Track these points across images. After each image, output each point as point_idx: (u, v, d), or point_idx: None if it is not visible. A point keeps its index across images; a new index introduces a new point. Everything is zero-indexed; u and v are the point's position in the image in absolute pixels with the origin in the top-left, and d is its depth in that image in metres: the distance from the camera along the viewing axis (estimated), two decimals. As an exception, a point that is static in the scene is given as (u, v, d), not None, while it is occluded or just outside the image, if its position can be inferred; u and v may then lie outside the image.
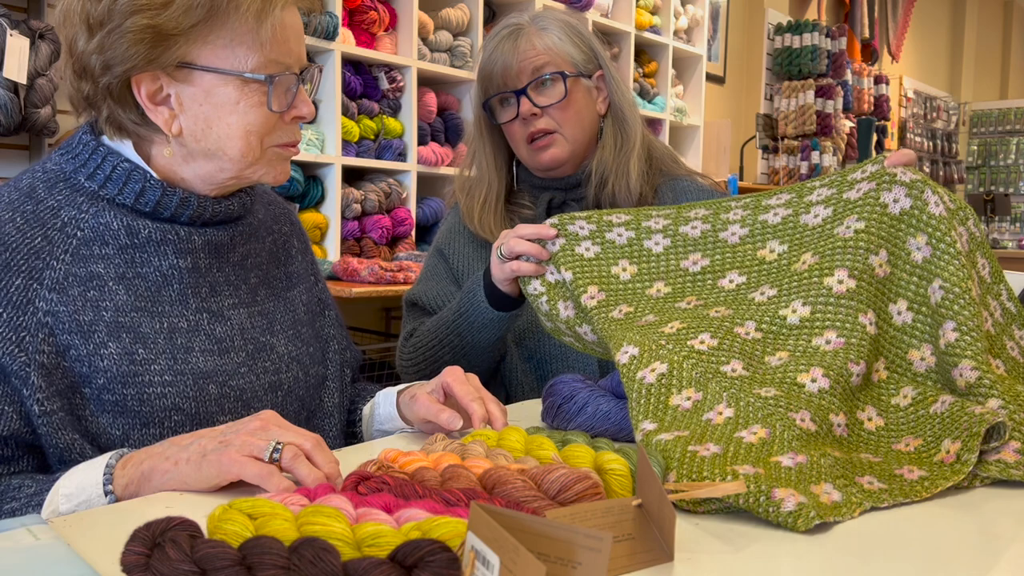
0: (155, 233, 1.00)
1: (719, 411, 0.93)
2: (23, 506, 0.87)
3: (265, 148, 1.02)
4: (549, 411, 1.11)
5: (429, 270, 1.57)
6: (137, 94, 0.97)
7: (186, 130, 0.99)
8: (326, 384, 1.18)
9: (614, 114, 1.53)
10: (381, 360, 3.21)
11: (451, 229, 1.59)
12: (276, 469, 0.83)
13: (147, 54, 0.94)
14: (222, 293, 1.06)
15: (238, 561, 0.58)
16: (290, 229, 1.22)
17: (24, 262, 0.94)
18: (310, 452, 0.85)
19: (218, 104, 0.98)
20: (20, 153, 2.55)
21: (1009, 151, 9.50)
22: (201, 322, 1.03)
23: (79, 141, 1.03)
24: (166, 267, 1.01)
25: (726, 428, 0.90)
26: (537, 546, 0.57)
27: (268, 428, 0.87)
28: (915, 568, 0.70)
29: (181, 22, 0.94)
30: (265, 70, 0.99)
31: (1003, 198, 8.35)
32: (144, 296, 0.99)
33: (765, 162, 6.10)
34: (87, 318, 0.95)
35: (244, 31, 0.97)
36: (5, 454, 0.92)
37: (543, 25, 1.48)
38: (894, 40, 7.88)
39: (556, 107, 1.46)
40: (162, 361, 0.98)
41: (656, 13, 4.74)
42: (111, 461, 0.87)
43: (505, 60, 1.45)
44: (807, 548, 0.74)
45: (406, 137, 3.40)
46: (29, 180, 1.01)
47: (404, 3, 3.38)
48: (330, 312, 1.24)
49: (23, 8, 2.52)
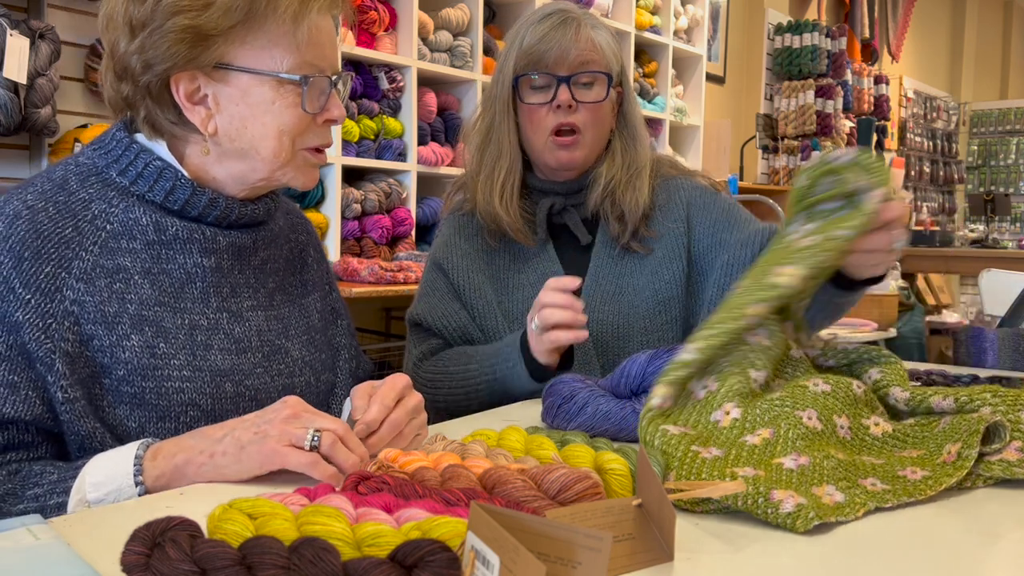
0: (182, 231, 1.02)
1: (727, 410, 0.93)
2: (46, 492, 0.88)
3: (296, 150, 1.04)
4: (549, 411, 1.11)
5: (428, 286, 1.54)
6: (176, 93, 0.99)
7: (221, 129, 1.01)
8: (335, 391, 1.19)
9: (627, 131, 1.52)
10: (381, 360, 3.22)
11: (447, 242, 1.55)
12: (319, 457, 0.85)
13: (187, 54, 0.97)
14: (242, 295, 1.08)
15: (238, 561, 0.58)
16: (307, 239, 1.24)
17: (54, 251, 0.95)
18: (343, 437, 0.87)
19: (253, 104, 1.01)
20: (20, 153, 2.55)
21: (1009, 151, 9.50)
22: (221, 321, 1.05)
23: (112, 137, 1.05)
24: (191, 265, 1.03)
25: (731, 432, 0.91)
26: (537, 546, 0.57)
27: (300, 415, 0.88)
28: (916, 568, 0.70)
29: (220, 23, 0.97)
30: (300, 71, 1.01)
31: (1003, 198, 8.35)
32: (168, 292, 1.01)
33: (765, 162, 6.10)
34: (112, 309, 0.97)
35: (281, 33, 0.99)
36: (26, 439, 0.93)
37: (595, 24, 1.47)
38: (894, 40, 7.88)
39: (592, 106, 1.44)
40: (182, 356, 1.00)
41: (656, 13, 4.74)
42: (139, 452, 0.88)
43: (563, 45, 1.41)
44: (807, 548, 0.74)
45: (406, 137, 3.40)
46: (62, 172, 1.03)
47: (404, 3, 3.38)
48: (343, 321, 1.25)
49: (23, 8, 2.52)
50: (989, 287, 2.65)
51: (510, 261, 1.51)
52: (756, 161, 6.05)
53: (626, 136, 1.52)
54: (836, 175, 1.02)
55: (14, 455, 0.93)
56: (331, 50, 1.05)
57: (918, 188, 8.59)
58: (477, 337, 1.48)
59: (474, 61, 3.62)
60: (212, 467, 0.86)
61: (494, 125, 1.49)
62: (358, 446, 0.88)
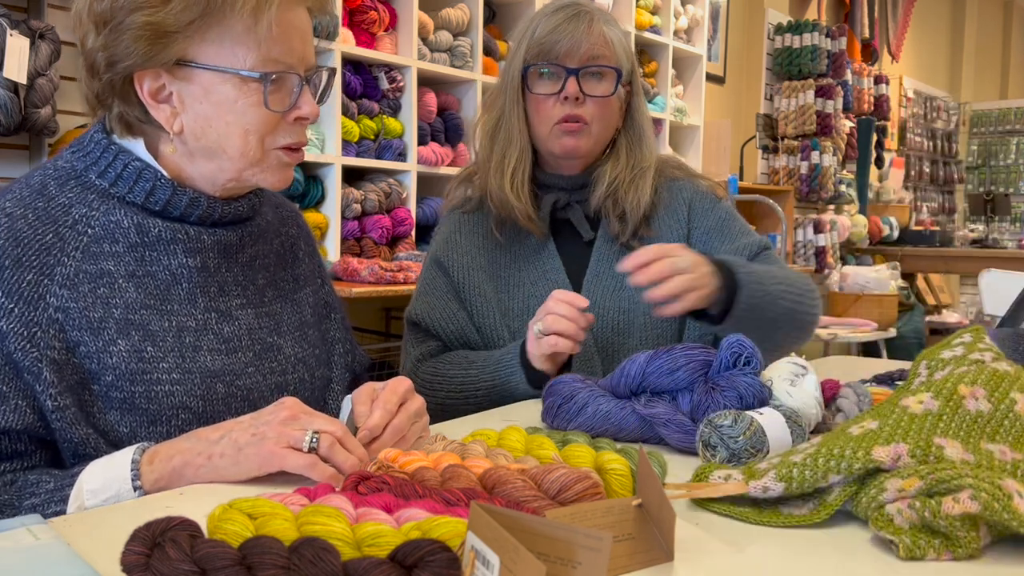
0: (165, 232, 1.01)
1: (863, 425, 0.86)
2: (44, 502, 0.88)
3: (267, 149, 1.02)
4: (549, 411, 1.11)
5: (427, 284, 1.54)
6: (140, 91, 0.98)
7: (187, 128, 1.00)
8: (331, 387, 1.18)
9: (634, 131, 1.53)
10: (381, 360, 3.21)
11: (447, 240, 1.55)
12: (318, 459, 0.85)
13: (147, 51, 0.95)
14: (230, 293, 1.07)
15: (238, 561, 0.58)
16: (297, 232, 1.22)
17: (36, 258, 0.94)
18: (342, 439, 0.87)
19: (217, 102, 0.98)
20: (20, 153, 2.55)
21: (1009, 151, 9.50)
22: (209, 321, 1.04)
23: (91, 139, 1.04)
24: (175, 266, 1.02)
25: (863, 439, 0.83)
26: (537, 546, 0.57)
27: (298, 417, 0.88)
28: (916, 568, 0.70)
29: (180, 19, 0.94)
30: (263, 68, 0.98)
31: (1003, 198, 8.35)
32: (153, 294, 1.00)
33: (765, 162, 6.09)
34: (97, 315, 0.96)
35: (241, 29, 0.97)
36: (18, 448, 0.93)
37: (608, 20, 1.49)
38: (894, 40, 7.88)
39: (599, 100, 1.45)
40: (171, 359, 0.99)
41: (656, 13, 4.73)
42: (136, 456, 0.87)
43: (574, 38, 1.42)
44: (807, 548, 0.74)
45: (406, 137, 3.40)
46: (40, 177, 1.02)
47: (404, 3, 3.38)
48: (336, 315, 1.24)
49: (23, 8, 2.52)
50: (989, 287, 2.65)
51: (511, 260, 1.51)
52: (756, 161, 6.04)
53: (632, 136, 1.53)
54: None
55: (8, 465, 0.92)
56: (301, 45, 1.01)
57: (918, 188, 8.59)
58: (474, 339, 1.49)
59: (474, 61, 3.62)
60: (210, 469, 0.86)
61: (504, 114, 1.49)
62: (357, 447, 0.88)
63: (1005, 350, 1.10)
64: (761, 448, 0.92)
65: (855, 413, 1.06)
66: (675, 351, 1.07)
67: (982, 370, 0.89)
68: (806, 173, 5.85)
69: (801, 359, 1.10)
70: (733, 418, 0.93)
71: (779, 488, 0.79)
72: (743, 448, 0.91)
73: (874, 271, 5.36)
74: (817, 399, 1.04)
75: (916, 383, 0.93)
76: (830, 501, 0.79)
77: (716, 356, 1.07)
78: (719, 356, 1.06)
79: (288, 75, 1.00)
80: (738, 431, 0.92)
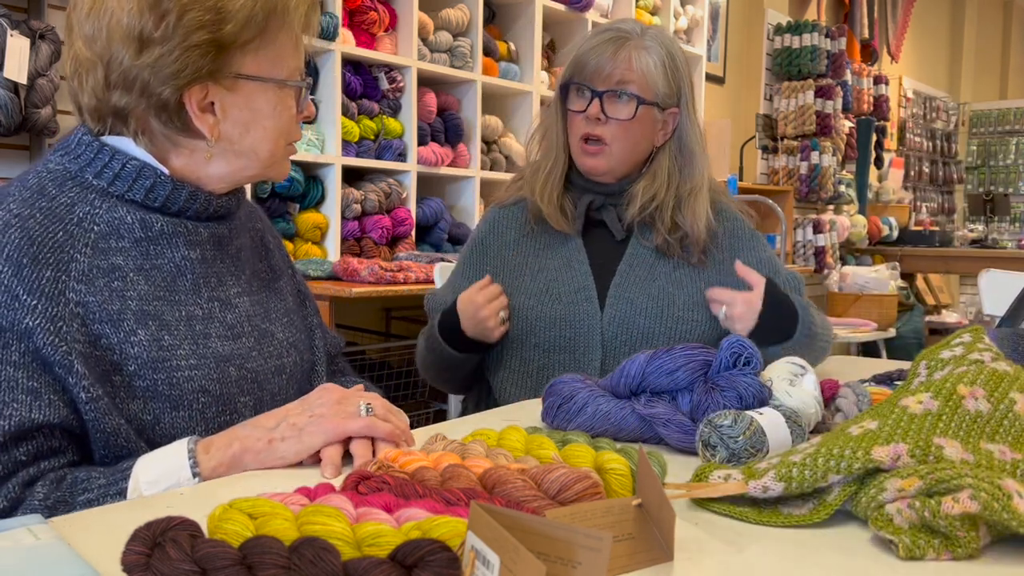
0: (167, 226, 1.04)
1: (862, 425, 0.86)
2: (99, 496, 0.89)
3: (284, 148, 1.10)
4: (549, 411, 1.11)
5: (459, 267, 1.67)
6: (188, 104, 1.01)
7: (224, 135, 1.04)
8: (315, 370, 1.23)
9: (679, 151, 1.58)
10: (381, 360, 3.21)
11: (491, 227, 1.66)
12: (377, 419, 0.96)
13: (209, 67, 1.00)
14: (227, 283, 1.11)
15: (238, 561, 0.58)
16: (263, 226, 1.27)
17: (51, 255, 0.96)
18: (389, 409, 1.00)
19: (257, 109, 1.05)
20: (20, 153, 2.55)
21: (1008, 151, 9.50)
22: (214, 310, 1.08)
23: (79, 142, 1.05)
24: (179, 259, 1.05)
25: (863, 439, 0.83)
26: (537, 546, 0.57)
27: (348, 396, 0.98)
28: (916, 568, 0.71)
29: (240, 36, 1.00)
30: (296, 76, 1.07)
31: (1002, 198, 8.35)
32: (162, 286, 1.03)
33: (765, 162, 6.10)
34: (115, 307, 0.98)
35: (287, 41, 1.05)
36: (54, 445, 0.93)
37: (647, 44, 1.54)
38: (894, 40, 7.88)
39: (619, 123, 1.52)
40: (186, 346, 1.02)
41: (656, 13, 4.74)
42: (191, 446, 0.93)
43: (600, 61, 1.52)
44: (808, 548, 0.74)
45: (406, 137, 3.40)
46: (36, 179, 1.03)
47: (404, 3, 3.38)
48: (310, 303, 1.29)
49: (23, 8, 2.52)
50: (988, 287, 2.65)
51: (541, 247, 1.61)
52: (756, 161, 6.04)
53: (678, 156, 1.59)
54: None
55: (46, 464, 0.93)
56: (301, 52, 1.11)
57: (917, 188, 8.59)
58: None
59: (474, 61, 3.62)
60: (269, 453, 0.93)
61: (549, 124, 1.62)
62: (401, 419, 1.00)
63: (1005, 350, 1.10)
64: (761, 448, 0.92)
65: (854, 413, 1.07)
66: (675, 351, 1.08)
67: (981, 370, 0.89)
68: (806, 173, 5.85)
69: (800, 359, 1.11)
70: (733, 418, 0.93)
71: (779, 488, 0.80)
72: (743, 448, 0.91)
73: (873, 271, 5.36)
74: (816, 399, 1.04)
75: (915, 383, 0.94)
76: (830, 501, 0.79)
77: (716, 356, 1.07)
78: (719, 356, 1.07)
79: (304, 80, 1.09)
80: (738, 431, 0.92)
